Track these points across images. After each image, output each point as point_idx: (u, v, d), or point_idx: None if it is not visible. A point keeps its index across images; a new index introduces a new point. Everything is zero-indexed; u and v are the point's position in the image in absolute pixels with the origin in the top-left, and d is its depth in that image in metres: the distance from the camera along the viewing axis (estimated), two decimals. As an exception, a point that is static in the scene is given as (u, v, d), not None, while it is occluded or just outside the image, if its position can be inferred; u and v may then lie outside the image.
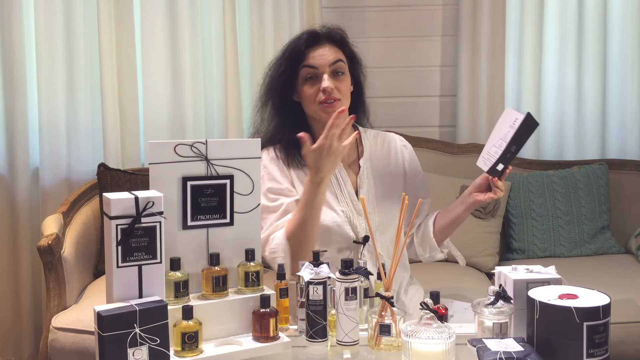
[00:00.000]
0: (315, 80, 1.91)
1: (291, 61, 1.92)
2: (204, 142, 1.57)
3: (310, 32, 1.95)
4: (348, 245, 1.94)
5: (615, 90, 3.18)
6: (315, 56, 1.91)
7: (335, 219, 1.92)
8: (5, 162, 2.97)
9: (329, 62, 1.90)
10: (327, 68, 1.90)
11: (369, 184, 1.99)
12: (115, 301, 1.39)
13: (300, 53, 1.92)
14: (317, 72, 1.90)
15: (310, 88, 1.91)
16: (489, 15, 3.10)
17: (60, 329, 2.27)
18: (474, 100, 3.17)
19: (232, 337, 1.56)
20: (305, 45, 1.92)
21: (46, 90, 2.92)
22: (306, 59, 1.91)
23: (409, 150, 2.10)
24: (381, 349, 1.57)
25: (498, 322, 1.54)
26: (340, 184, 1.97)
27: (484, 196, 1.90)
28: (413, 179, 2.07)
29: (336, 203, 1.95)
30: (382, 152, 2.05)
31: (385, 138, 2.09)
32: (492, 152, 1.85)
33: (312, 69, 1.90)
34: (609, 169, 3.04)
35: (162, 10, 2.98)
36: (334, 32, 1.97)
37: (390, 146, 2.07)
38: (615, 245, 2.94)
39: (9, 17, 2.87)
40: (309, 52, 1.91)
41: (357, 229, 1.94)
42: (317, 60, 1.90)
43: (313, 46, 1.92)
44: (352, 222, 1.94)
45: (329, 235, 1.92)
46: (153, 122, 3.03)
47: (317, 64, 1.90)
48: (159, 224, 1.43)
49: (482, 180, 1.91)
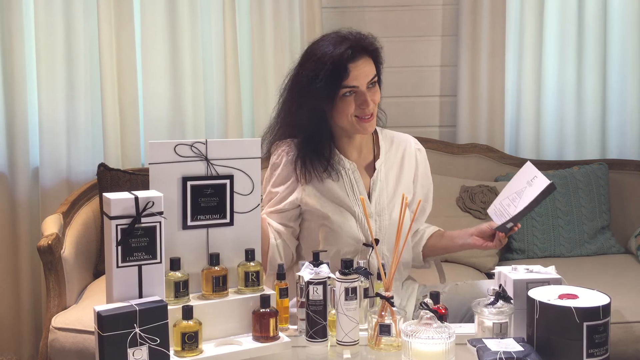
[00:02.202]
0: (352, 95, 1.89)
1: (332, 77, 1.88)
2: (204, 142, 1.57)
3: (351, 45, 1.89)
4: (356, 247, 1.93)
5: (615, 90, 3.18)
6: (355, 75, 1.88)
7: (348, 221, 1.92)
8: (5, 162, 2.97)
9: (367, 80, 1.90)
10: (365, 85, 1.90)
11: (381, 187, 1.98)
12: (115, 301, 1.39)
13: (342, 68, 1.87)
14: (357, 90, 1.89)
15: (349, 104, 1.89)
16: (489, 15, 3.10)
17: (60, 329, 2.27)
18: (474, 100, 3.17)
19: (232, 337, 1.56)
20: (347, 59, 1.87)
21: (46, 90, 2.92)
22: (347, 75, 1.87)
23: (423, 155, 2.09)
24: (381, 349, 1.58)
25: (498, 322, 1.54)
26: (353, 186, 1.96)
27: (484, 244, 1.93)
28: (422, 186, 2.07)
29: (348, 204, 1.94)
30: (397, 155, 2.04)
31: (401, 141, 2.08)
32: (504, 205, 1.87)
33: (353, 88, 1.88)
34: (609, 169, 3.04)
35: (162, 10, 2.98)
36: (369, 44, 1.94)
37: (405, 149, 2.06)
38: (615, 245, 2.94)
39: (9, 17, 2.87)
40: (350, 67, 1.87)
41: (367, 232, 1.92)
42: (358, 79, 1.88)
43: (353, 60, 1.88)
44: (363, 225, 1.93)
45: (339, 235, 1.92)
46: (153, 122, 3.03)
47: (357, 84, 1.88)
48: (159, 224, 1.43)
49: (488, 229, 1.93)
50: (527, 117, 3.19)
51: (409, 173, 2.03)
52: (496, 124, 3.17)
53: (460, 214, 2.90)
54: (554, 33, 3.15)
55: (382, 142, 2.04)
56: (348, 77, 1.87)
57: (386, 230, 1.95)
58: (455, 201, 2.93)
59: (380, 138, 2.05)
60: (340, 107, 1.90)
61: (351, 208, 1.94)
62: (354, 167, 1.97)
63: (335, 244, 1.92)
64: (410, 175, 2.03)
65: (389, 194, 1.98)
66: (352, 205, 1.94)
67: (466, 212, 2.91)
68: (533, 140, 3.20)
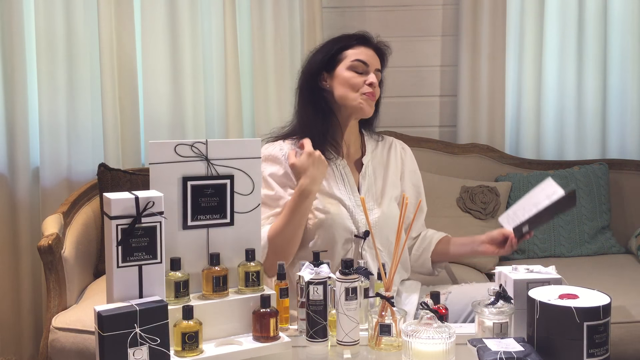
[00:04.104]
0: (361, 73, 1.98)
1: (337, 46, 2.00)
2: (204, 142, 1.57)
3: (364, 33, 2.04)
4: (348, 238, 1.96)
5: (615, 90, 3.18)
6: (369, 54, 2.00)
7: (339, 212, 1.95)
8: (6, 162, 2.97)
9: (376, 66, 2.01)
10: (373, 69, 1.99)
11: (369, 181, 2.04)
12: (116, 301, 1.39)
13: (350, 42, 2.00)
14: (365, 68, 1.98)
15: (356, 76, 1.98)
16: (489, 15, 3.10)
17: (60, 329, 2.27)
18: (474, 100, 3.17)
19: (232, 337, 1.56)
20: (357, 39, 2.01)
21: (46, 90, 2.92)
22: (356, 50, 1.99)
23: (408, 153, 2.17)
24: (381, 349, 1.58)
25: (498, 322, 1.54)
26: (344, 178, 2.02)
27: (495, 250, 1.95)
28: (413, 185, 2.13)
29: (340, 196, 1.98)
30: (383, 153, 2.12)
31: (386, 140, 2.16)
32: (518, 214, 1.87)
33: (362, 63, 1.98)
34: (609, 169, 3.04)
35: (162, 10, 2.98)
36: (383, 46, 2.06)
37: (390, 148, 2.14)
38: (615, 245, 2.94)
39: (9, 17, 2.87)
40: (360, 47, 2.00)
41: (359, 223, 1.97)
42: (369, 58, 1.99)
43: (364, 44, 2.01)
44: (354, 217, 1.97)
45: (331, 226, 1.94)
46: (153, 122, 3.03)
47: (368, 61, 1.99)
48: (159, 224, 1.43)
49: (499, 235, 1.95)
50: (528, 117, 3.19)
51: (395, 171, 2.10)
52: (496, 124, 3.17)
53: (461, 214, 2.90)
54: (554, 33, 3.16)
55: (368, 142, 2.12)
56: (355, 49, 1.99)
57: (375, 224, 1.98)
58: (456, 201, 2.93)
59: (366, 138, 2.12)
60: (346, 77, 1.98)
61: (343, 200, 1.98)
62: (344, 163, 2.04)
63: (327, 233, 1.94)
64: (396, 172, 2.10)
65: (377, 190, 2.04)
66: (343, 197, 1.98)
67: (466, 212, 2.91)
68: (533, 140, 3.20)
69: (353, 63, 1.98)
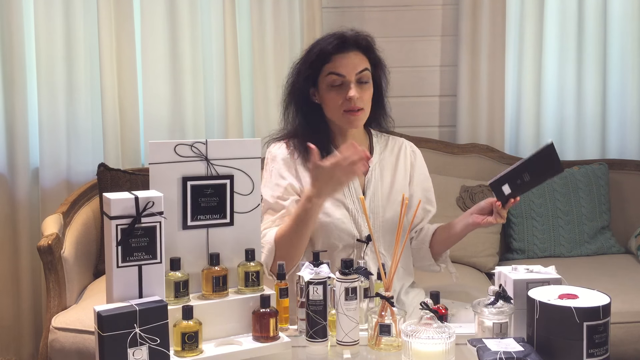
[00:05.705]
0: (340, 88, 1.90)
1: (316, 61, 1.92)
2: (204, 142, 1.57)
3: (339, 36, 1.93)
4: (350, 243, 1.94)
5: (615, 91, 3.18)
6: (343, 63, 1.90)
7: (341, 216, 1.93)
8: (5, 162, 2.97)
9: (355, 71, 1.90)
10: (353, 76, 1.90)
11: (375, 185, 2.00)
12: (115, 301, 1.39)
13: (327, 55, 1.91)
14: (343, 79, 1.89)
15: (336, 95, 1.90)
16: (489, 15, 3.10)
17: (60, 329, 2.27)
18: (474, 100, 3.17)
19: (232, 337, 1.56)
20: (333, 49, 1.91)
21: (46, 90, 2.92)
22: (333, 62, 1.90)
23: (419, 157, 2.11)
24: (381, 349, 1.57)
25: (498, 322, 1.54)
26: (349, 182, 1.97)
27: (484, 219, 1.89)
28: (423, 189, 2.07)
29: (342, 199, 1.96)
30: (392, 156, 2.06)
31: (396, 143, 2.10)
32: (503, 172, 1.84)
33: (338, 76, 1.89)
34: (609, 169, 3.04)
35: (162, 10, 2.98)
36: (361, 38, 1.95)
37: (400, 151, 2.08)
38: (615, 245, 2.94)
39: (9, 17, 2.87)
40: (336, 57, 1.90)
41: (361, 227, 1.95)
42: (344, 68, 1.89)
43: (340, 51, 1.91)
44: (357, 221, 1.95)
45: (332, 230, 1.93)
46: (153, 122, 3.03)
47: (344, 72, 1.89)
48: (159, 224, 1.43)
49: (486, 204, 1.90)
50: (527, 117, 3.19)
51: (404, 174, 2.05)
52: (496, 124, 3.17)
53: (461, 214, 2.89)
54: (554, 33, 3.16)
55: (377, 143, 2.06)
56: (331, 62, 1.90)
57: (380, 228, 1.96)
58: (456, 201, 2.93)
59: (375, 140, 2.07)
60: (327, 99, 1.92)
61: (346, 204, 1.95)
62: None
63: (329, 238, 1.93)
64: (405, 176, 2.05)
65: (384, 194, 1.99)
66: (346, 201, 1.95)
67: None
68: (533, 140, 3.20)
69: (328, 78, 1.90)
